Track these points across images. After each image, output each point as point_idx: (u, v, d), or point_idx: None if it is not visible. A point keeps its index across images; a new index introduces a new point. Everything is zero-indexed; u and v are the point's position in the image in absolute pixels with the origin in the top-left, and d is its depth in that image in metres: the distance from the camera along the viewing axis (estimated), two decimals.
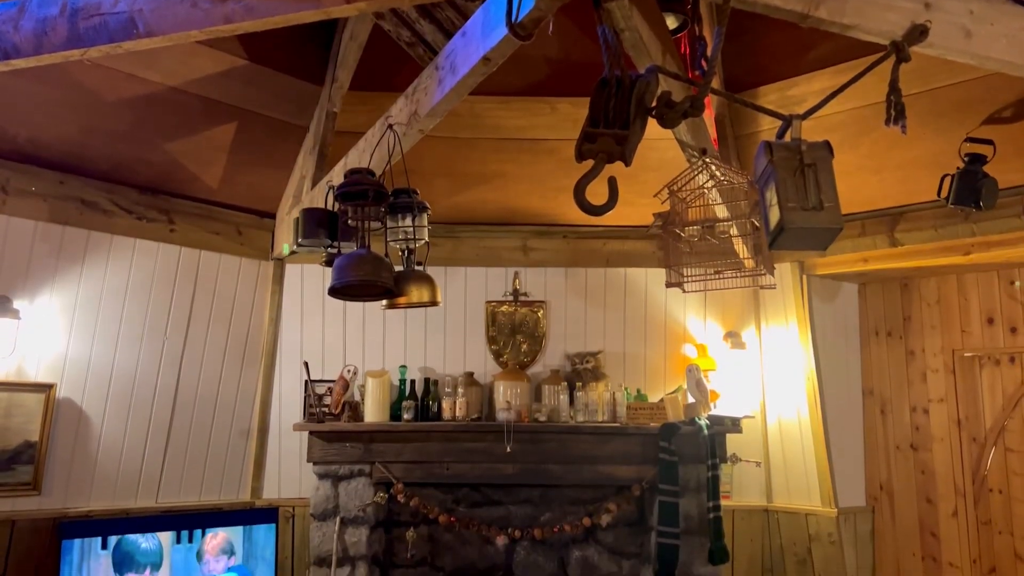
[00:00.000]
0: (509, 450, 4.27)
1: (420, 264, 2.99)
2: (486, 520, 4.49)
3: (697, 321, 4.84)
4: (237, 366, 4.62)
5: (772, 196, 2.11)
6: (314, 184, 4.08)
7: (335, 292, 2.71)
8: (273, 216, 4.66)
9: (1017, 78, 2.76)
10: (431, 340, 4.81)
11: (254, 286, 4.68)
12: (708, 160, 3.29)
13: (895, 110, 2.28)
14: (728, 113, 4.12)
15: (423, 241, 2.91)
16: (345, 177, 2.78)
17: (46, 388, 3.88)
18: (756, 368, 4.80)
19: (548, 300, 4.85)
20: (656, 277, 4.76)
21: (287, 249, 4.33)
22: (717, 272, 3.54)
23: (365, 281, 2.62)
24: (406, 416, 4.43)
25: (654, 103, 2.08)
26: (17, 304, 3.79)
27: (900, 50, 2.37)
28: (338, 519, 4.29)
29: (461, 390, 4.50)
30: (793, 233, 2.07)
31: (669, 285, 3.67)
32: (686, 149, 3.52)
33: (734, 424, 4.40)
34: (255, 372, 4.69)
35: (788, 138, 2.18)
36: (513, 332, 4.83)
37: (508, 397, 4.53)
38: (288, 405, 4.70)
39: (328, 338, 4.76)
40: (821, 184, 2.07)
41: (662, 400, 4.50)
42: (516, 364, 4.78)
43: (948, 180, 3.48)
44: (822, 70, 3.71)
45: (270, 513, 4.42)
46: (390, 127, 3.03)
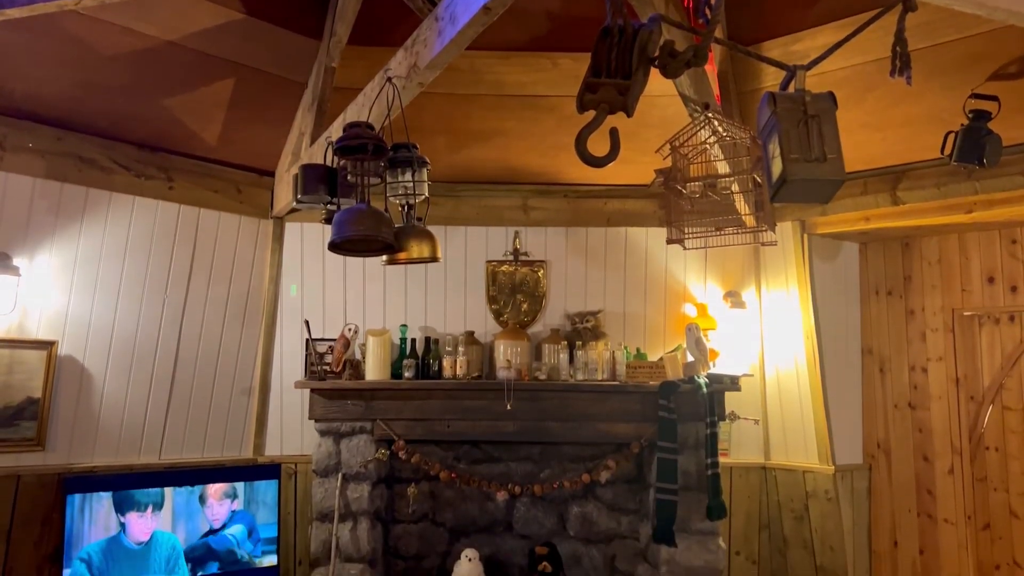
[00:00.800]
0: (509, 408, 4.30)
1: (420, 220, 2.98)
2: (487, 477, 4.53)
3: (697, 281, 4.84)
4: (238, 324, 4.63)
5: (775, 148, 2.10)
6: (313, 141, 4.05)
7: (335, 247, 2.70)
8: (272, 174, 4.64)
9: None
10: (432, 299, 4.82)
11: (254, 244, 4.67)
12: (710, 115, 3.26)
13: (900, 60, 2.26)
14: (731, 69, 4.08)
15: (423, 196, 2.90)
16: (344, 131, 2.76)
17: (48, 345, 3.89)
18: (755, 327, 4.81)
19: (548, 259, 4.84)
20: (657, 236, 4.75)
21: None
22: (718, 229, 3.52)
23: (365, 236, 2.62)
24: (407, 374, 4.45)
25: (657, 52, 2.05)
26: (17, 261, 3.79)
27: None
28: (340, 475, 4.33)
29: (462, 349, 4.52)
30: (795, 185, 2.06)
31: (670, 242, 3.66)
32: (688, 103, 3.49)
33: (733, 382, 4.42)
34: (256, 330, 4.70)
35: (792, 89, 2.16)
36: (513, 291, 4.83)
37: (508, 356, 4.54)
38: (289, 363, 4.72)
39: (329, 297, 4.76)
40: (824, 136, 2.06)
41: (661, 359, 4.52)
42: (516, 323, 4.79)
43: (952, 137, 3.45)
44: (827, 24, 3.66)
45: (272, 469, 4.46)
46: (389, 80, 3.00)
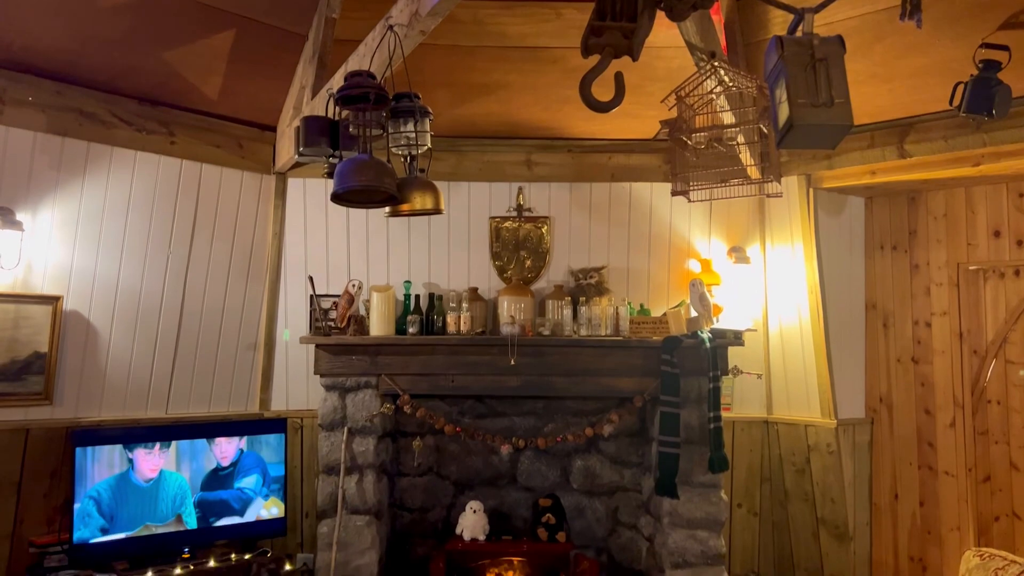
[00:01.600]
0: (513, 363, 4.31)
1: (423, 171, 2.96)
2: (491, 431, 4.57)
3: (702, 236, 4.82)
4: (242, 280, 4.64)
5: (782, 93, 2.07)
6: (314, 94, 4.01)
7: (337, 198, 2.69)
8: (274, 129, 4.61)
9: None
10: (435, 256, 4.81)
11: (256, 200, 4.66)
12: (717, 64, 3.22)
13: (910, 4, 2.21)
14: (737, 18, 4.01)
15: (425, 147, 2.87)
16: (345, 80, 2.72)
17: (53, 300, 3.91)
18: (759, 282, 4.80)
19: (552, 215, 4.82)
20: (662, 191, 4.73)
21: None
22: (723, 181, 3.50)
23: (368, 187, 2.60)
24: (411, 330, 4.46)
25: None
26: (20, 216, 3.79)
27: None
28: (346, 429, 4.37)
29: (465, 305, 4.52)
30: (802, 130, 2.04)
31: (675, 193, 3.64)
32: (695, 52, 3.44)
33: (736, 337, 4.42)
34: (260, 286, 4.71)
35: (799, 33, 2.12)
36: (517, 248, 4.82)
37: (512, 312, 4.55)
38: (294, 319, 4.73)
39: (332, 252, 4.76)
40: (832, 80, 2.03)
41: (665, 315, 4.52)
42: (520, 280, 4.79)
43: (961, 88, 3.41)
44: None
45: (279, 423, 4.49)
46: (390, 28, 2.96)
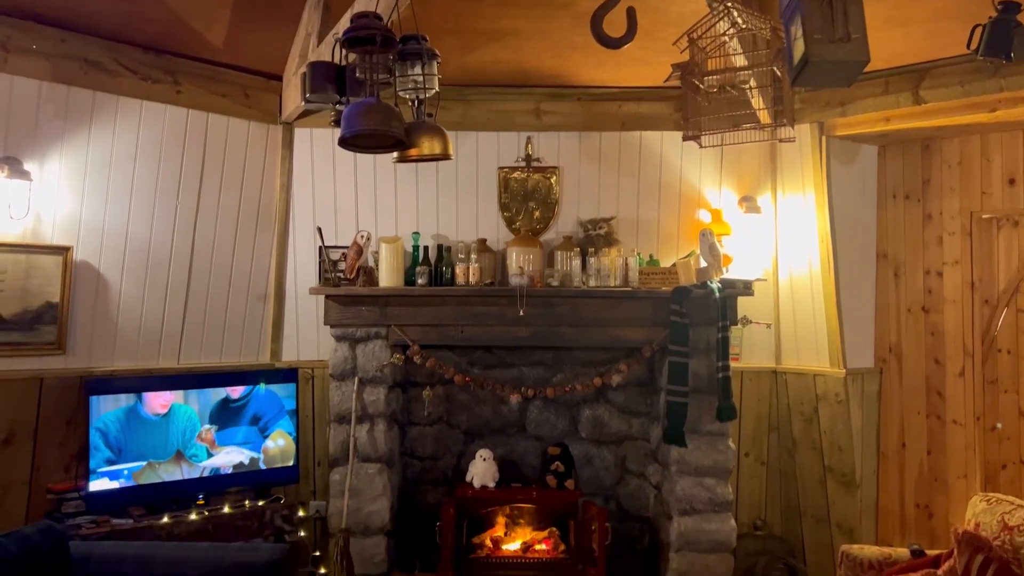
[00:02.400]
0: (522, 314, 4.31)
1: (431, 115, 2.93)
2: (500, 381, 4.59)
3: (712, 186, 4.78)
4: (251, 231, 4.64)
5: (797, 29, 2.03)
6: (320, 41, 3.95)
7: (344, 143, 2.67)
8: (280, 78, 4.56)
9: None
10: (443, 207, 4.79)
11: (264, 150, 4.64)
12: (730, 4, 3.16)
13: None
14: None
15: (433, 91, 2.83)
16: (351, 22, 2.68)
17: (63, 251, 3.92)
18: (770, 232, 4.78)
19: (561, 165, 4.78)
20: (672, 140, 4.68)
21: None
22: (735, 126, 3.45)
23: (375, 130, 2.57)
24: (420, 281, 4.46)
25: None
26: (28, 166, 3.78)
27: None
28: (356, 379, 4.40)
29: (474, 256, 4.51)
30: (818, 67, 2.00)
31: (686, 138, 3.60)
32: None
33: (746, 287, 4.41)
34: (269, 237, 4.71)
35: None
36: (526, 198, 4.79)
37: (521, 263, 4.54)
38: (303, 270, 4.74)
39: (340, 204, 4.75)
40: (849, 14, 1.99)
41: (675, 265, 4.51)
42: (529, 231, 4.77)
43: (979, 31, 3.33)
44: None
45: (290, 373, 4.53)
46: None
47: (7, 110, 3.73)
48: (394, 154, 2.88)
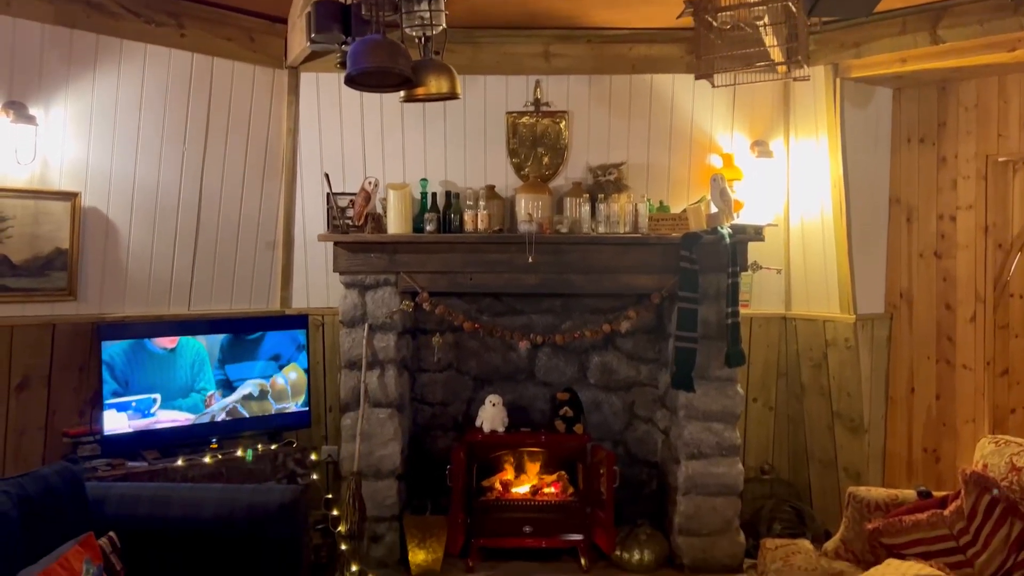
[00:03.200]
0: (531, 261, 4.30)
1: (438, 53, 2.89)
2: (509, 328, 4.60)
3: (724, 130, 4.72)
4: (258, 177, 4.62)
5: None
6: None
7: (351, 81, 2.64)
8: (285, 21, 4.49)
9: None
10: (451, 153, 4.75)
11: (269, 96, 4.59)
12: None
13: None
14: None
15: (440, 27, 2.78)
16: None
17: (71, 196, 3.91)
18: (782, 177, 4.73)
19: (571, 110, 4.72)
20: (684, 83, 4.60)
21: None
22: (749, 64, 3.39)
23: (381, 68, 2.54)
24: (428, 228, 4.44)
25: None
26: (33, 111, 3.75)
27: None
28: (366, 326, 4.41)
29: (483, 203, 4.48)
30: None
31: (698, 77, 3.53)
32: None
33: (757, 233, 4.37)
34: (276, 184, 4.69)
35: None
36: (534, 144, 4.74)
37: (529, 210, 4.50)
38: (311, 217, 4.73)
39: (347, 150, 4.71)
40: None
41: (685, 211, 4.47)
42: (537, 177, 4.73)
43: None
44: None
45: (300, 320, 4.54)
46: None
47: (11, 53, 3.69)
48: (401, 93, 2.85)
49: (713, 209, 4.39)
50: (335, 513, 4.14)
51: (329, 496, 4.32)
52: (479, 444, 4.49)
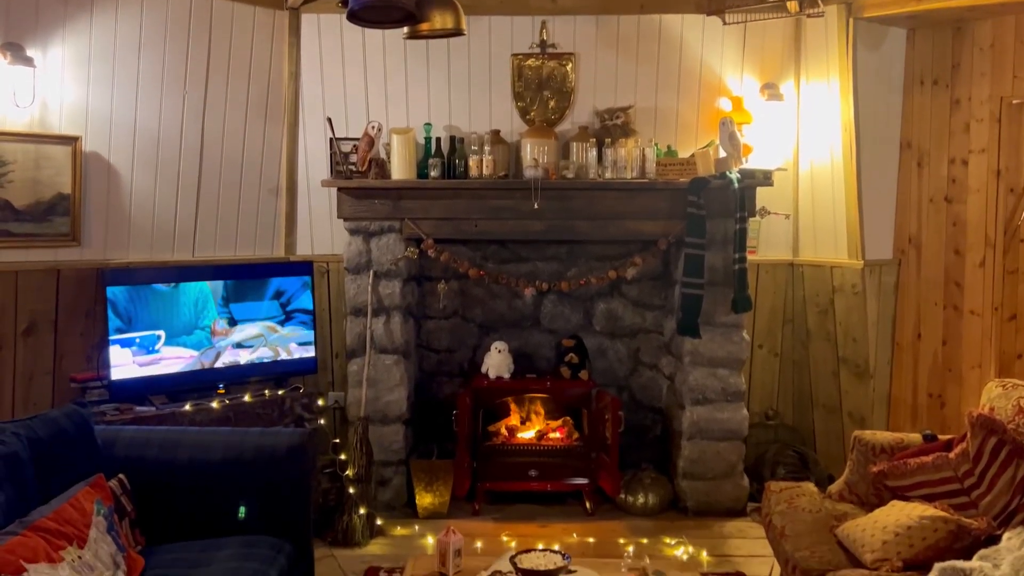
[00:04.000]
0: (537, 207, 4.25)
1: None
2: (514, 275, 4.58)
3: (734, 73, 4.63)
4: (260, 122, 4.56)
5: None
6: None
7: (353, 17, 2.58)
8: None
9: None
10: (455, 97, 4.67)
11: (270, 38, 4.51)
12: None
13: None
14: None
15: None
16: None
17: (72, 141, 3.87)
18: (792, 120, 4.66)
19: (577, 52, 4.63)
20: (693, 24, 4.50)
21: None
22: (760, 1, 3.30)
23: (385, 2, 2.48)
24: (433, 174, 4.39)
25: None
26: (30, 52, 3.68)
27: None
28: (371, 273, 4.40)
29: (487, 148, 4.42)
30: None
31: (709, 13, 3.45)
32: None
33: (765, 177, 4.32)
34: (279, 128, 4.63)
35: None
36: (540, 87, 4.66)
37: (535, 155, 4.45)
38: (314, 162, 4.68)
39: (350, 94, 4.64)
40: None
41: (693, 155, 4.41)
42: (543, 121, 4.66)
43: None
44: None
45: (305, 267, 4.52)
46: None
47: None
48: (404, 30, 2.79)
49: (722, 153, 4.33)
50: (343, 457, 4.17)
51: (336, 441, 4.35)
52: (485, 390, 4.51)
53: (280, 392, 4.25)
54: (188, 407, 3.93)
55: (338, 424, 4.60)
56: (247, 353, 4.29)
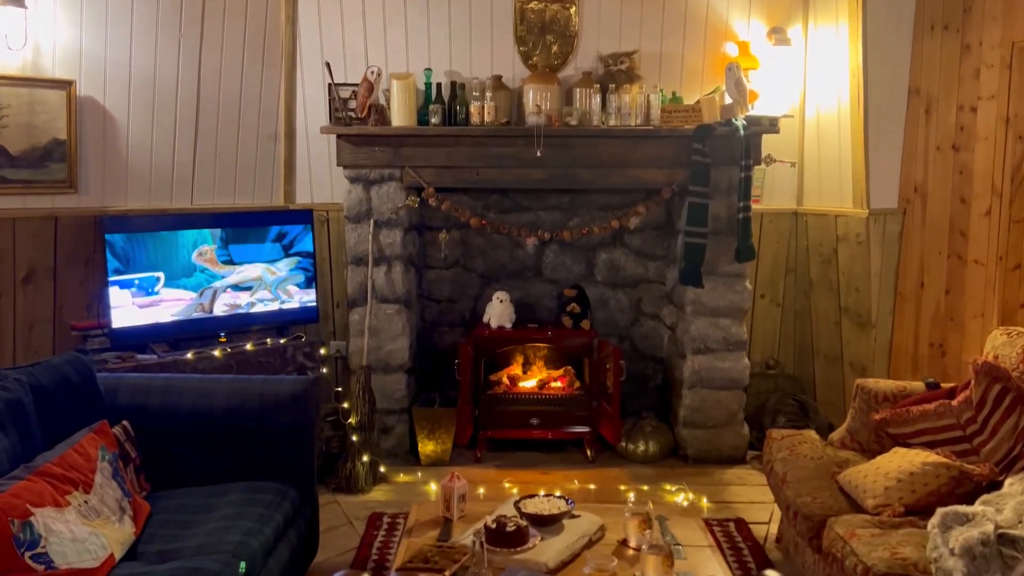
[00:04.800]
0: (539, 155, 4.20)
1: None
2: (516, 225, 4.54)
3: (740, 17, 4.54)
4: (257, 67, 4.47)
5: None
6: None
7: None
8: None
9: None
10: (456, 41, 4.58)
11: None
12: None
13: None
14: None
15: None
16: None
17: (66, 85, 3.80)
18: (799, 66, 4.58)
19: None
20: None
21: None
22: None
23: None
24: (433, 120, 4.32)
25: None
26: None
27: None
28: (372, 221, 4.36)
29: (489, 94, 4.34)
30: None
31: None
32: None
33: (772, 124, 4.26)
34: (276, 73, 4.55)
35: None
36: (543, 31, 4.57)
37: (538, 101, 4.37)
38: (313, 109, 4.61)
39: (348, 38, 4.54)
40: None
41: (698, 102, 4.34)
42: (546, 67, 4.57)
43: None
44: None
45: (305, 215, 4.47)
46: None
47: None
48: None
49: (727, 100, 4.27)
50: (345, 406, 4.19)
51: (339, 389, 4.36)
52: (486, 340, 4.50)
53: (282, 341, 4.24)
54: (190, 355, 3.92)
55: (340, 373, 4.61)
56: (246, 295, 4.25)
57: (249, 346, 4.11)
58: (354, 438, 4.08)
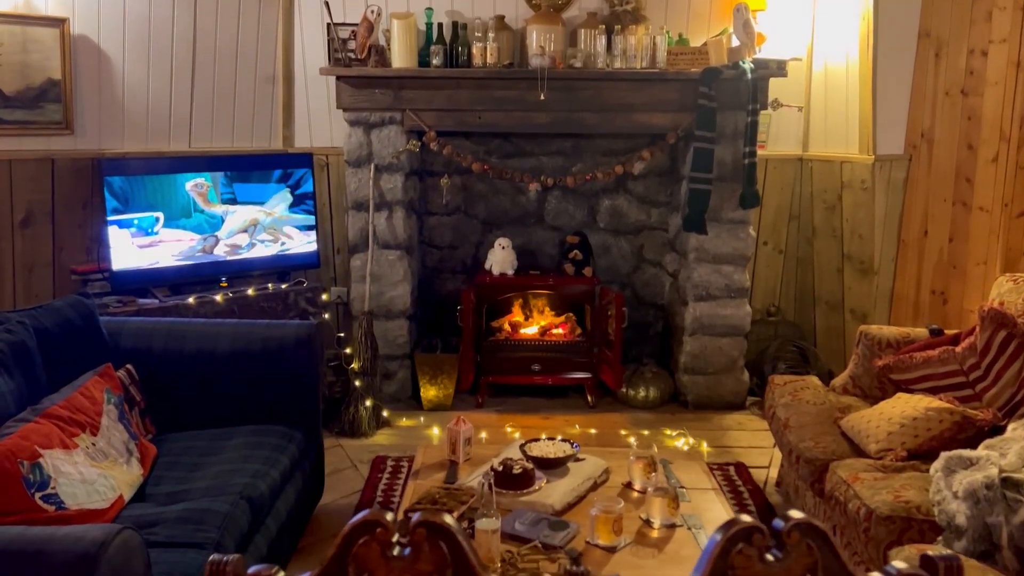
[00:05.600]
0: (543, 98, 4.12)
1: None
2: (518, 170, 4.49)
3: None
4: (254, 5, 4.36)
5: None
6: None
7: None
8: None
9: None
10: None
11: None
12: None
13: None
14: None
15: None
16: None
17: (59, 23, 3.70)
18: (808, 7, 4.48)
19: None
20: None
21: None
22: None
23: None
24: (435, 62, 4.23)
25: None
26: None
27: None
28: (372, 166, 4.30)
29: (491, 35, 4.25)
30: None
31: None
32: None
33: (779, 68, 4.18)
34: (273, 12, 4.44)
35: None
36: None
37: (541, 42, 4.27)
38: (312, 50, 4.51)
39: None
40: None
41: (705, 44, 4.26)
42: (550, 7, 4.46)
43: None
44: None
45: (304, 159, 4.41)
46: None
47: None
48: None
49: (735, 42, 4.17)
50: (347, 351, 4.19)
51: (341, 335, 4.36)
52: (488, 286, 4.49)
53: (284, 286, 4.22)
54: (191, 300, 3.90)
55: (341, 319, 4.60)
56: (246, 236, 4.21)
57: (251, 291, 4.09)
58: (357, 383, 4.09)
